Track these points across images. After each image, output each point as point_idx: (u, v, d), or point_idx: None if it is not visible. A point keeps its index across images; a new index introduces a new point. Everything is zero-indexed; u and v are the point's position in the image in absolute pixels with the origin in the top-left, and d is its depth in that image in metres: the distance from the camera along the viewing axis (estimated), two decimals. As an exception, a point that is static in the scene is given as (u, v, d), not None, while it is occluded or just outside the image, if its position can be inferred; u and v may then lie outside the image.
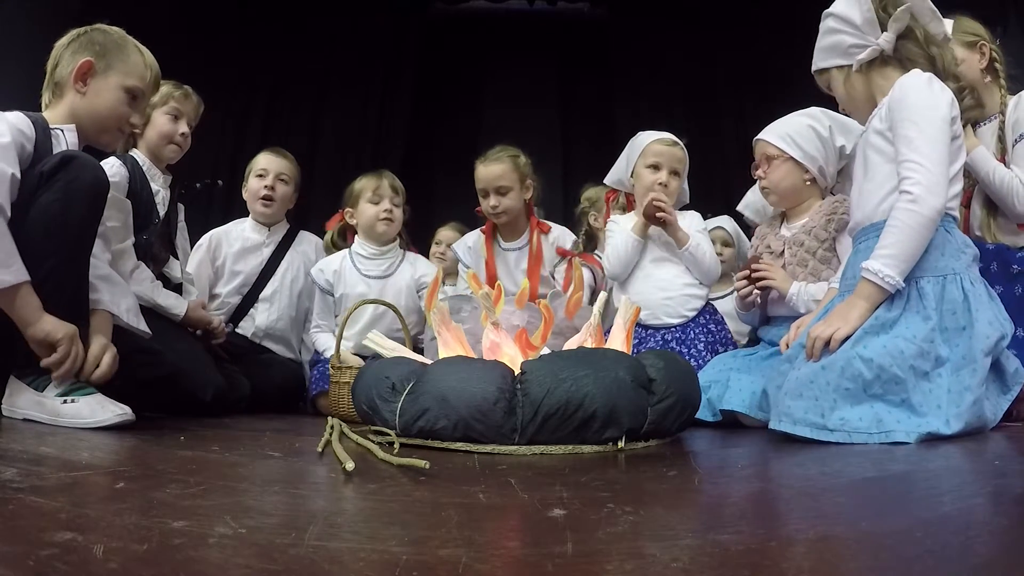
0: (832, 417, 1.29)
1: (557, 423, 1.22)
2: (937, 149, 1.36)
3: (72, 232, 1.37)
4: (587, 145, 4.92)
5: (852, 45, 1.50)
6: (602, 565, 0.55)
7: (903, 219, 1.35)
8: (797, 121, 1.93)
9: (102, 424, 1.30)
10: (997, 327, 1.34)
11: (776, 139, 1.91)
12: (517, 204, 2.38)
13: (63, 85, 1.53)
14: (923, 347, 1.30)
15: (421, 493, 0.85)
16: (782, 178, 1.91)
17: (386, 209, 2.37)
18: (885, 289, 1.35)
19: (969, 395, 1.28)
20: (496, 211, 2.37)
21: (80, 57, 1.52)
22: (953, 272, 1.37)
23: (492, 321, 1.48)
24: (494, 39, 5.03)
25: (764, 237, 2.03)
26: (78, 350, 1.33)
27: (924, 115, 1.37)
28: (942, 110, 1.37)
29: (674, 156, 2.19)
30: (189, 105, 2.10)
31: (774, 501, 0.88)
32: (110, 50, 1.56)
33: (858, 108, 1.56)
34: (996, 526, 0.71)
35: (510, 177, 2.35)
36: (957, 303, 1.34)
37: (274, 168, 2.48)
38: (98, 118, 1.56)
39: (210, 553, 0.56)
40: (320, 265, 2.43)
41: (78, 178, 1.35)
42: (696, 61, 4.69)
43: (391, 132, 4.66)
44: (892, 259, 1.34)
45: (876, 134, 1.47)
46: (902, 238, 1.35)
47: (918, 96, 1.38)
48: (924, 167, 1.34)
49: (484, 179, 2.37)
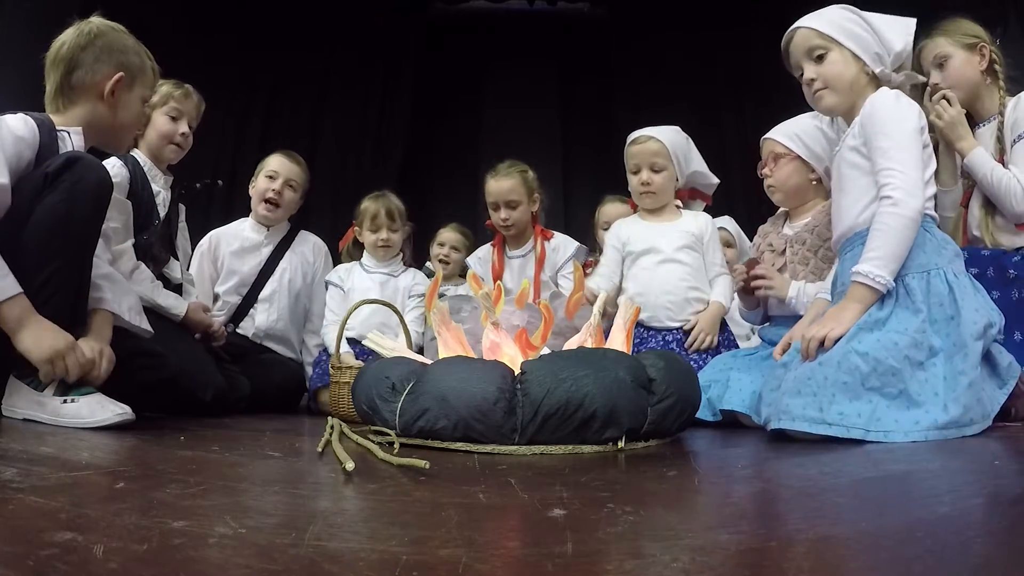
0: (830, 411, 1.30)
1: (557, 423, 1.22)
2: (910, 155, 1.43)
3: (77, 233, 1.37)
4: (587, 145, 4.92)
5: (877, 54, 1.54)
6: (602, 565, 0.55)
7: (887, 222, 1.41)
8: (805, 122, 1.94)
9: (102, 424, 1.30)
10: (984, 314, 1.38)
11: (784, 138, 1.93)
12: (525, 217, 2.52)
13: (81, 91, 1.52)
14: (916, 338, 1.34)
15: (421, 493, 0.85)
16: (788, 176, 1.93)
17: (383, 238, 2.53)
18: (877, 290, 1.40)
19: (964, 378, 1.31)
20: (506, 223, 2.49)
21: (106, 68, 1.53)
22: (936, 267, 1.42)
23: (492, 321, 1.48)
24: (494, 39, 5.03)
25: (766, 235, 2.04)
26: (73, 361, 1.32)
27: (894, 127, 1.45)
28: (911, 121, 1.46)
29: (647, 151, 2.19)
30: (189, 105, 2.10)
31: (774, 501, 0.88)
32: (132, 61, 1.58)
33: (844, 96, 1.56)
34: (995, 526, 0.71)
35: (519, 191, 2.48)
36: (943, 295, 1.39)
37: (285, 173, 2.49)
38: (121, 129, 1.61)
39: (210, 553, 0.56)
40: (332, 271, 2.59)
41: (83, 179, 1.35)
42: (696, 61, 4.69)
43: (391, 132, 4.67)
44: (881, 260, 1.39)
45: (851, 150, 1.54)
46: (888, 240, 1.40)
47: (886, 111, 1.47)
48: (901, 172, 1.42)
49: (495, 193, 2.49)
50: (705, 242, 2.19)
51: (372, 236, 2.55)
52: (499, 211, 2.49)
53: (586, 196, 4.70)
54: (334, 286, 2.54)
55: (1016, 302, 1.67)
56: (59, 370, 1.30)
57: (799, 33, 1.59)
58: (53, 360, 1.29)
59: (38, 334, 1.29)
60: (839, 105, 1.58)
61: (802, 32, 1.58)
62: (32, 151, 1.39)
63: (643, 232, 2.21)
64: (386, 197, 2.59)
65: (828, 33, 1.55)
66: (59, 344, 1.30)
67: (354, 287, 2.51)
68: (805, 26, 1.58)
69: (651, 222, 2.24)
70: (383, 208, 2.54)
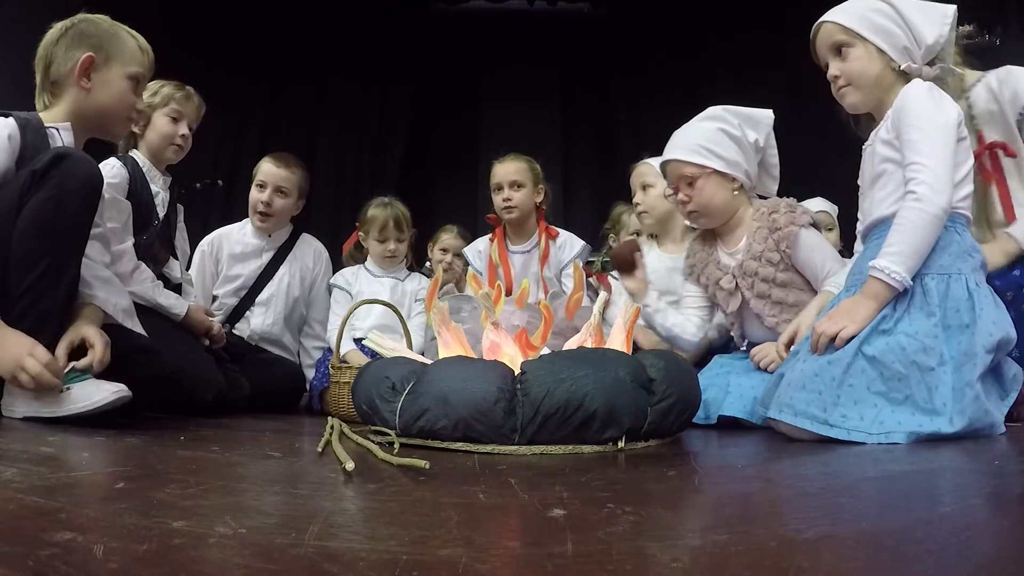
0: (834, 413, 1.29)
1: (557, 423, 1.22)
2: (940, 150, 1.37)
3: (66, 232, 1.35)
4: (587, 145, 4.93)
5: (905, 48, 1.47)
6: (602, 565, 0.55)
7: (909, 217, 1.36)
8: (704, 128, 1.82)
9: (100, 404, 1.29)
10: (1001, 327, 1.33)
11: (692, 155, 1.80)
12: (528, 202, 2.52)
13: (61, 83, 1.51)
14: (925, 343, 1.30)
15: (421, 493, 0.85)
16: (711, 196, 1.79)
17: (391, 249, 2.50)
18: (893, 287, 1.35)
19: (970, 390, 1.27)
20: (509, 205, 2.49)
21: (77, 53, 1.50)
22: (958, 272, 1.37)
23: (492, 321, 1.48)
24: (494, 39, 5.03)
25: (704, 268, 1.87)
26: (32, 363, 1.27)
27: (926, 120, 1.38)
28: (944, 115, 1.39)
29: (636, 175, 2.29)
30: (190, 106, 2.10)
31: (774, 501, 0.88)
32: (106, 40, 1.54)
33: (868, 94, 1.50)
34: (996, 526, 0.71)
35: (524, 175, 2.51)
36: (961, 300, 1.34)
37: (272, 180, 2.43)
38: (106, 111, 1.55)
39: (210, 553, 0.56)
40: (337, 274, 2.57)
41: (72, 176, 1.33)
42: (696, 61, 4.69)
43: (391, 132, 4.67)
44: (899, 256, 1.35)
45: (883, 144, 1.47)
46: (908, 236, 1.35)
47: (918, 103, 1.40)
48: (927, 167, 1.36)
49: (499, 174, 2.52)
50: None
51: (380, 246, 2.51)
52: (502, 192, 2.49)
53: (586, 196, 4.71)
54: (340, 290, 2.51)
55: None
56: (25, 381, 1.26)
57: (824, 27, 1.53)
58: (15, 372, 1.26)
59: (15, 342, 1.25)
60: (863, 103, 1.52)
61: (826, 27, 1.52)
62: (10, 156, 1.37)
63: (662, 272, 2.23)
64: (393, 206, 2.52)
65: (852, 27, 1.48)
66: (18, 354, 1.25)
67: (362, 292, 2.47)
68: (830, 20, 1.51)
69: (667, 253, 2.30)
70: (391, 219, 2.48)
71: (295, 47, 4.61)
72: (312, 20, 4.64)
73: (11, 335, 1.28)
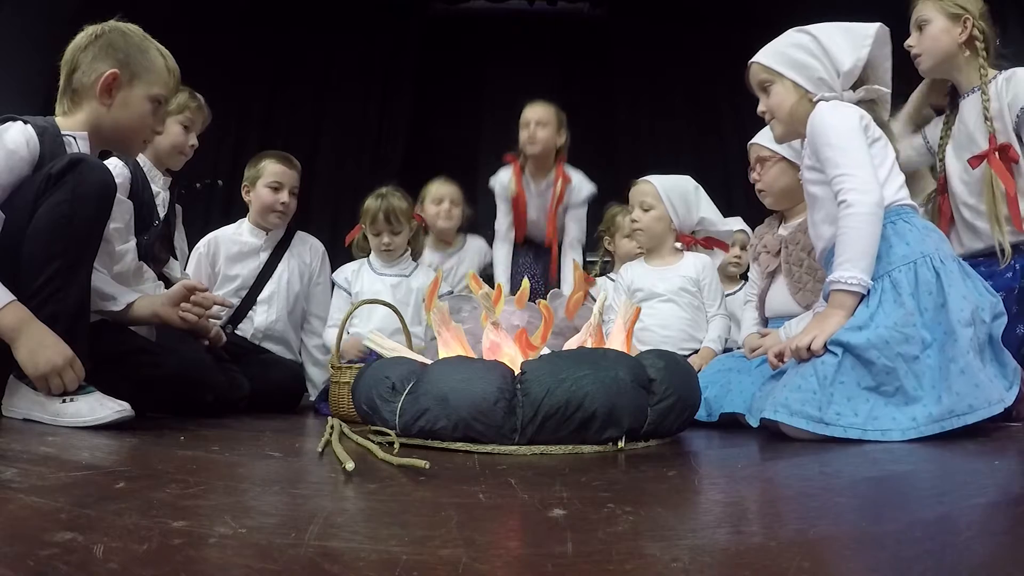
0: (828, 411, 1.30)
1: (557, 423, 1.22)
2: (854, 155, 1.45)
3: (79, 234, 1.36)
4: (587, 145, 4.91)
5: (820, 79, 1.55)
6: (602, 565, 0.55)
7: (847, 224, 1.42)
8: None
9: (102, 421, 1.29)
10: (971, 300, 1.35)
11: (767, 141, 1.93)
12: (551, 141, 2.79)
13: (83, 93, 1.49)
14: (905, 332, 1.33)
15: (421, 493, 0.85)
16: (775, 179, 1.95)
17: (384, 242, 2.50)
18: (854, 291, 1.39)
19: (954, 365, 1.30)
20: (532, 139, 2.76)
21: (102, 66, 1.47)
22: (922, 255, 1.41)
23: (492, 321, 1.48)
24: (494, 39, 5.04)
25: (762, 236, 2.05)
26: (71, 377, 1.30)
27: (833, 133, 1.48)
28: (846, 121, 1.48)
29: (638, 192, 2.37)
30: (200, 116, 2.13)
31: (774, 501, 0.88)
32: (133, 57, 1.51)
33: (787, 125, 1.62)
34: (996, 526, 0.71)
35: (551, 119, 2.80)
36: (931, 283, 1.38)
37: (288, 182, 2.47)
38: (124, 131, 1.53)
39: (210, 553, 0.56)
40: (339, 270, 2.57)
41: (86, 180, 1.35)
42: (696, 61, 4.69)
43: (391, 132, 4.67)
44: (849, 262, 1.40)
45: (809, 169, 1.58)
46: (852, 242, 1.41)
47: (822, 122, 1.50)
48: (848, 174, 1.44)
49: (529, 114, 2.80)
50: (703, 285, 2.30)
51: (374, 240, 2.51)
52: (529, 127, 2.75)
53: (586, 196, 4.70)
54: (340, 288, 2.51)
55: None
56: (55, 387, 1.28)
57: (751, 68, 1.66)
58: (49, 376, 1.27)
59: (34, 347, 1.27)
60: (786, 134, 1.66)
61: (753, 67, 1.66)
62: (29, 165, 1.38)
63: (645, 274, 2.35)
64: (386, 198, 2.49)
65: (771, 66, 1.61)
66: (57, 360, 1.27)
67: (363, 290, 2.46)
68: (755, 61, 1.65)
69: (653, 266, 2.36)
70: (382, 211, 2.46)
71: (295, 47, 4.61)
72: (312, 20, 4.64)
73: (51, 336, 1.29)
